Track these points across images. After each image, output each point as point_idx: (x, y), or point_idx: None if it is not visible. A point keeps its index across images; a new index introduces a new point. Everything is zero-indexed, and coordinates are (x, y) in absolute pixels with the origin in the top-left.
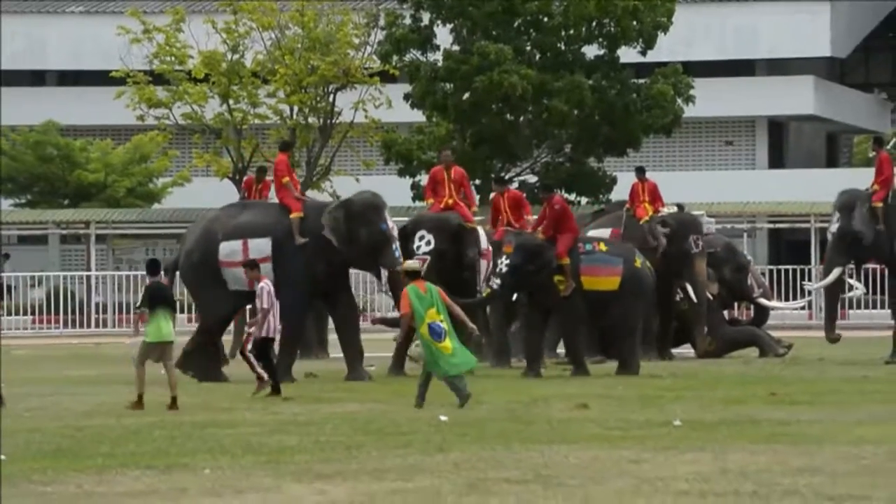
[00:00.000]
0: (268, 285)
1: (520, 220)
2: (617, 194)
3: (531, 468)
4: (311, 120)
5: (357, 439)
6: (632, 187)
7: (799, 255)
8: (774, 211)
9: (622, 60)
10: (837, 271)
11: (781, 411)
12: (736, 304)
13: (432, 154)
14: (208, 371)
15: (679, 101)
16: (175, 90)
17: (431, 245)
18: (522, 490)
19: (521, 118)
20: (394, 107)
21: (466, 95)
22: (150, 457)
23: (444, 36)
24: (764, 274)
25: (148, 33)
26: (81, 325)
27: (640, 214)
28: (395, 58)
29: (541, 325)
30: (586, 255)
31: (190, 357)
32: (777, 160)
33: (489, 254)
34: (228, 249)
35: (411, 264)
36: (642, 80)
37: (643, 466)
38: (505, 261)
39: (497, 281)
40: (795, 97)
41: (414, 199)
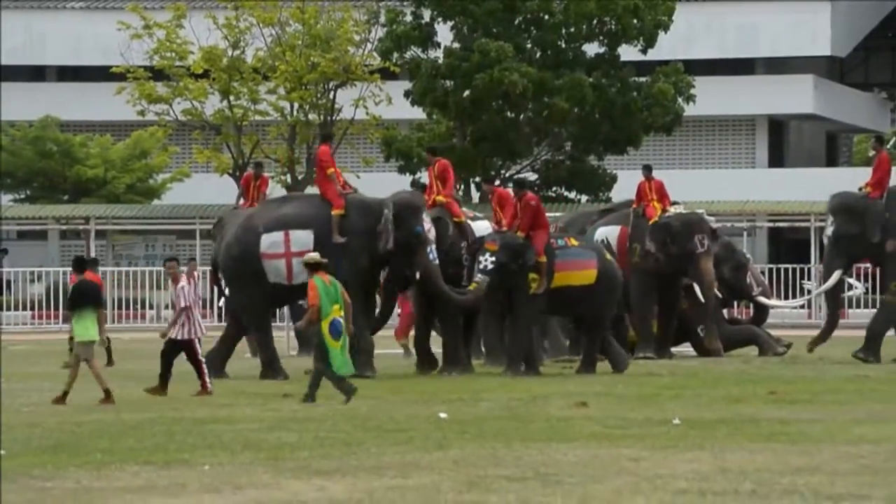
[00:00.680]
0: (187, 286)
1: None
2: (617, 192)
3: (530, 466)
4: (311, 117)
5: (356, 436)
6: (638, 186)
7: (798, 254)
8: (774, 210)
9: (623, 59)
10: (837, 274)
11: (781, 410)
12: (735, 303)
13: None
14: (213, 363)
15: (679, 99)
16: (175, 86)
17: None
18: (521, 488)
19: (522, 116)
20: (394, 104)
21: (467, 93)
22: (149, 452)
23: (444, 33)
24: (763, 273)
25: (148, 29)
26: None
27: (650, 214)
28: (395, 55)
29: (500, 320)
30: (560, 251)
31: (272, 366)
32: (777, 159)
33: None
34: (269, 241)
35: (313, 256)
36: (643, 79)
37: (642, 465)
38: (490, 258)
39: (484, 278)
40: (795, 96)
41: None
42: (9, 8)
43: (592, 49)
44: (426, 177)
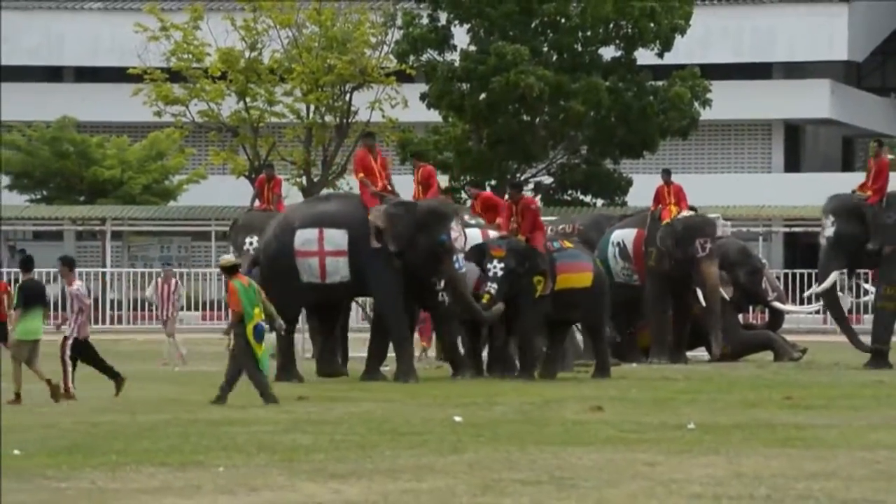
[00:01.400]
0: (82, 288)
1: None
2: (632, 196)
3: (545, 470)
4: (327, 119)
5: (371, 439)
6: (656, 190)
7: (814, 258)
8: (790, 214)
9: (639, 62)
10: (835, 275)
11: (796, 415)
12: (751, 308)
13: (448, 154)
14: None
15: (696, 103)
16: (192, 87)
17: None
18: (536, 491)
19: (538, 119)
20: (410, 106)
21: (483, 96)
22: (165, 454)
23: (461, 36)
24: (779, 277)
25: (165, 30)
26: (96, 322)
27: (665, 217)
28: (411, 57)
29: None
30: (558, 253)
31: (286, 369)
32: (793, 164)
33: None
34: (303, 238)
35: (228, 259)
36: (659, 83)
37: (657, 469)
38: (498, 265)
39: (493, 286)
40: (812, 100)
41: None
42: (27, 8)
43: (609, 53)
44: (442, 180)
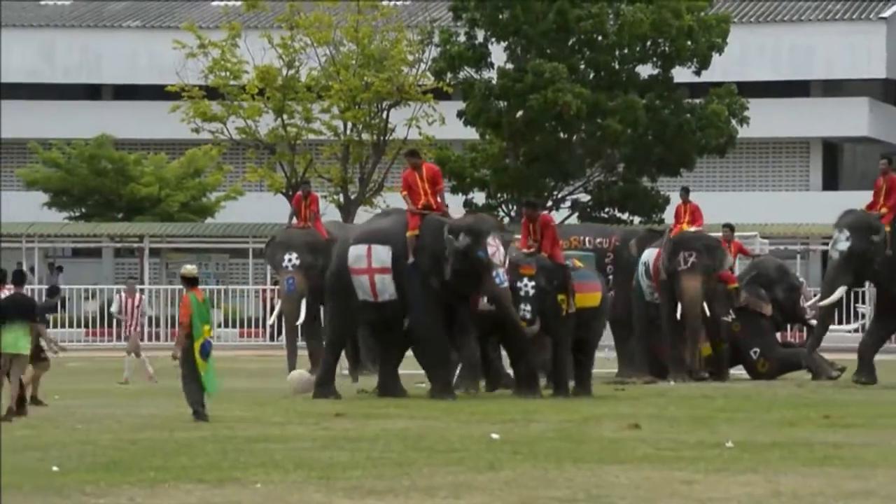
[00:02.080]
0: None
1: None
2: (669, 214)
3: (582, 488)
4: (364, 136)
5: (409, 456)
6: (676, 208)
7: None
8: (828, 233)
9: (676, 80)
10: (842, 290)
11: (835, 434)
12: (788, 327)
13: (485, 171)
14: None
15: (733, 121)
16: (230, 104)
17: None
18: None
19: (575, 137)
20: (447, 124)
21: (520, 113)
22: (203, 470)
23: (498, 54)
24: (817, 296)
25: (203, 48)
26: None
27: (675, 234)
28: (448, 75)
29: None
30: (574, 272)
31: (325, 385)
32: (831, 182)
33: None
34: (355, 255)
35: (189, 269)
36: (696, 101)
37: (695, 487)
38: (529, 283)
39: (527, 307)
40: (850, 119)
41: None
42: (65, 27)
43: (646, 70)
44: (478, 197)
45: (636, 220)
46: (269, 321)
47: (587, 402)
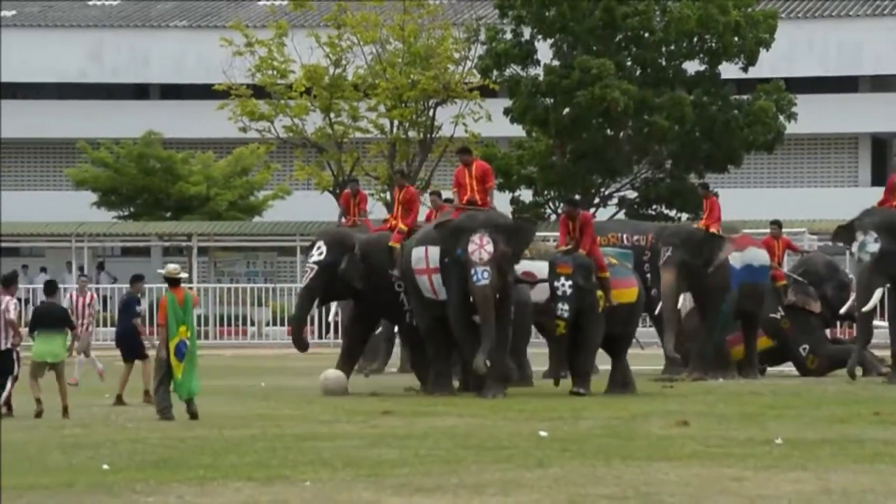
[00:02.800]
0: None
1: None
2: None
3: (631, 485)
4: (410, 134)
5: (457, 453)
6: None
7: None
8: None
9: (723, 76)
10: (879, 293)
11: (885, 430)
12: (838, 323)
13: (532, 169)
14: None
15: (781, 117)
16: (277, 103)
17: (322, 256)
18: None
19: (622, 134)
20: (493, 121)
21: (567, 110)
22: (252, 469)
23: (544, 51)
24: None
25: (250, 46)
26: None
27: None
28: (495, 72)
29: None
30: (611, 269)
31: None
32: (880, 178)
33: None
34: (416, 256)
35: (172, 269)
36: (744, 97)
37: (744, 485)
38: (566, 282)
39: (564, 306)
40: None
41: (514, 213)
42: (113, 27)
43: (693, 67)
44: (525, 194)
45: (683, 216)
46: (330, 318)
47: (635, 399)
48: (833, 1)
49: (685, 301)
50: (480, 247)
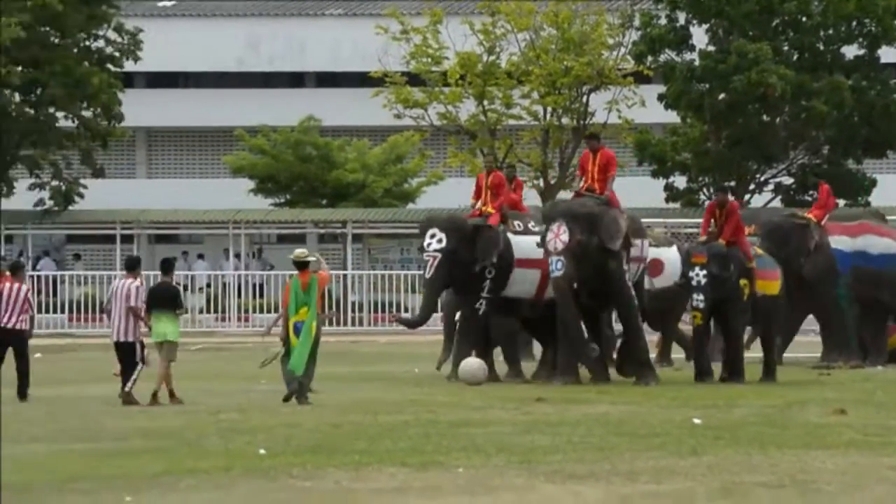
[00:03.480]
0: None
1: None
2: (876, 196)
3: (787, 473)
4: (564, 120)
5: (610, 440)
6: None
7: None
8: None
9: (883, 60)
10: None
11: None
12: None
13: (686, 155)
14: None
15: None
16: (431, 91)
17: (443, 244)
18: (777, 495)
19: (778, 119)
20: (647, 107)
21: (722, 96)
22: (406, 454)
23: (699, 36)
24: None
25: (405, 34)
26: (338, 324)
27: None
28: (649, 58)
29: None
30: (757, 259)
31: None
32: None
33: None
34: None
35: (299, 253)
36: None
37: None
38: (700, 272)
39: (700, 297)
40: None
41: (667, 200)
42: (269, 15)
43: (851, 51)
44: (679, 181)
45: (841, 202)
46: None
47: (791, 387)
48: None
49: None
50: (556, 236)
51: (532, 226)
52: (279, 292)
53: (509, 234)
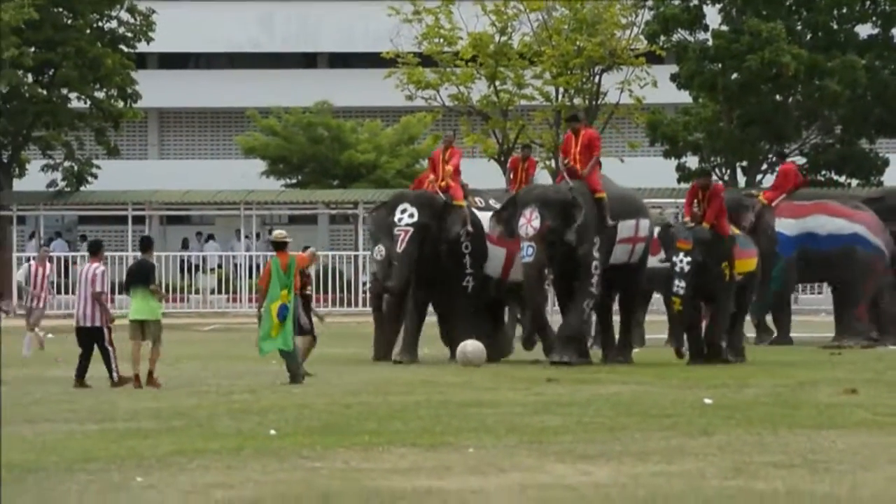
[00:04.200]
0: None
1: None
2: (889, 177)
3: (798, 453)
4: (576, 101)
5: (620, 421)
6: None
7: None
8: None
9: None
10: None
11: None
12: None
13: (699, 135)
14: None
15: None
16: (443, 72)
17: (414, 218)
18: (789, 475)
19: (791, 99)
20: (659, 87)
21: (735, 75)
22: (416, 435)
23: (712, 15)
24: None
25: (418, 14)
26: (349, 304)
27: None
28: (662, 38)
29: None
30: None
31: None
32: None
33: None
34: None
35: (278, 234)
36: None
37: None
38: (685, 259)
39: (681, 283)
40: None
41: (679, 180)
42: None
43: (865, 30)
44: (691, 161)
45: (853, 182)
46: None
47: (803, 366)
48: None
49: None
50: (528, 222)
51: (493, 202)
52: None
53: (475, 210)
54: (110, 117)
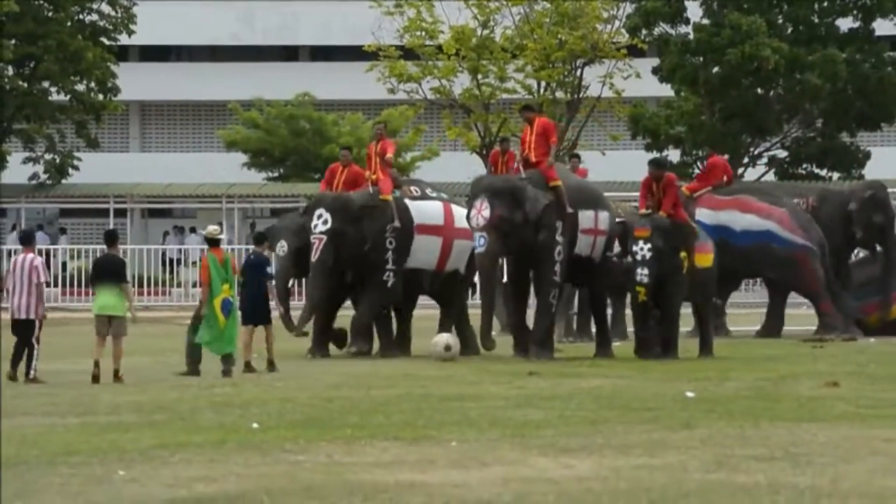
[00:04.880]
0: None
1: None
2: (870, 169)
3: (779, 446)
4: (558, 94)
5: (602, 414)
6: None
7: None
8: None
9: (877, 33)
10: None
11: None
12: None
13: (680, 129)
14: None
15: None
16: (425, 65)
17: (328, 224)
18: (770, 468)
19: (772, 92)
20: (641, 80)
21: (716, 69)
22: (398, 428)
23: (693, 10)
24: None
25: (399, 7)
26: None
27: None
28: (643, 31)
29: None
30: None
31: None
32: None
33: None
34: (581, 216)
35: (212, 230)
36: None
37: (895, 446)
38: (644, 246)
39: (644, 271)
40: None
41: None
42: None
43: (846, 24)
44: (673, 154)
45: (835, 175)
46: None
47: (784, 360)
48: None
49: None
50: (478, 212)
51: (429, 192)
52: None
53: (406, 201)
54: (92, 110)
